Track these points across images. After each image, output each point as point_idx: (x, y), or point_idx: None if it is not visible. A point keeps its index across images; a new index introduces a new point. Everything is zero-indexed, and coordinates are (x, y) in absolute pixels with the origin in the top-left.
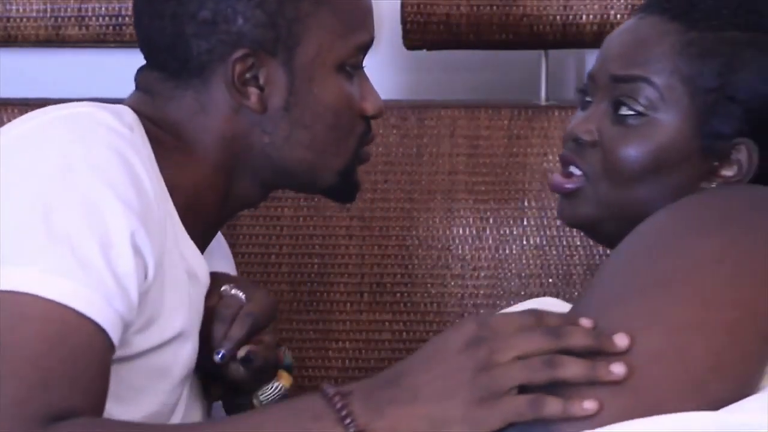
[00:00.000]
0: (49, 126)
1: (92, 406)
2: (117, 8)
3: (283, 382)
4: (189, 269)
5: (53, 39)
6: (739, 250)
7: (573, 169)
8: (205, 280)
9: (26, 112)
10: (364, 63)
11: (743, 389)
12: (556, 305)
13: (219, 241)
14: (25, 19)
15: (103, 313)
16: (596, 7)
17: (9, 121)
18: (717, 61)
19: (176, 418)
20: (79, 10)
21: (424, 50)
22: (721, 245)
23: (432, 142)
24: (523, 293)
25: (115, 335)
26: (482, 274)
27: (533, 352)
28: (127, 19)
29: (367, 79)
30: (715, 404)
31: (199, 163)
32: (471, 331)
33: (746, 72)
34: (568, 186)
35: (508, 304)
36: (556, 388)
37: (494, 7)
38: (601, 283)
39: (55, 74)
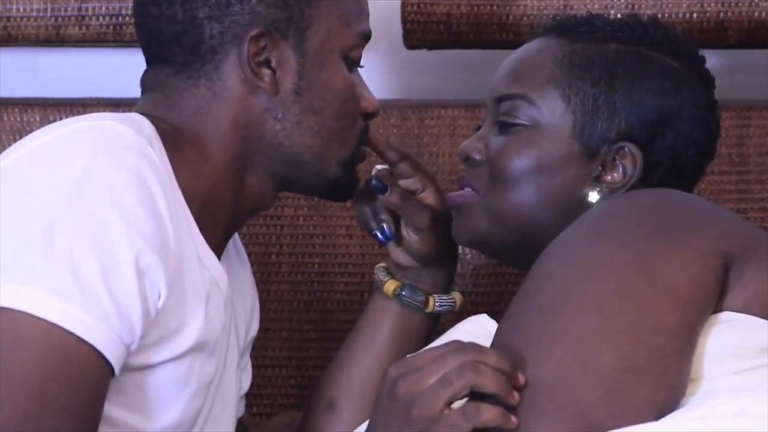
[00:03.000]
0: (69, 140)
1: None
2: (117, 8)
3: (456, 298)
4: (210, 279)
5: (53, 39)
6: (627, 257)
7: (466, 189)
8: (225, 288)
9: (26, 112)
10: (363, 63)
11: (670, 388)
12: (488, 326)
13: (237, 246)
14: (25, 19)
15: (101, 336)
16: (596, 6)
17: (9, 120)
18: (598, 68)
19: (198, 428)
20: (79, 9)
21: (424, 50)
22: (610, 255)
23: (432, 142)
24: None
25: (113, 357)
26: (482, 274)
27: (448, 372)
28: (127, 18)
29: (362, 79)
30: (644, 406)
31: (214, 161)
32: (391, 376)
33: (627, 80)
34: (459, 200)
35: (508, 304)
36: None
37: (494, 7)
38: (509, 311)
39: (55, 74)
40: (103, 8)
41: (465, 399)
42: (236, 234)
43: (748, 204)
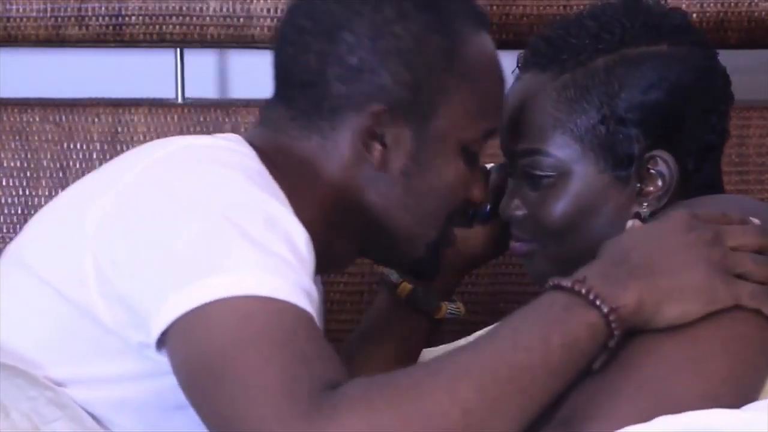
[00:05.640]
0: (198, 150)
1: (345, 375)
2: (117, 8)
3: (461, 308)
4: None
5: (53, 39)
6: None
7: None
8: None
9: (26, 112)
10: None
11: (746, 402)
12: None
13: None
14: (25, 19)
15: (305, 304)
16: None
17: (9, 120)
18: (594, 93)
19: None
20: (79, 10)
21: None
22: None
23: None
24: (523, 293)
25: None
26: (482, 274)
27: (746, 245)
28: (127, 18)
29: (479, 169)
30: (726, 383)
31: (305, 217)
32: (686, 217)
33: (626, 91)
34: (521, 250)
35: (508, 304)
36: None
37: (494, 7)
38: None
39: (55, 74)
40: (103, 8)
41: None
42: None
43: None
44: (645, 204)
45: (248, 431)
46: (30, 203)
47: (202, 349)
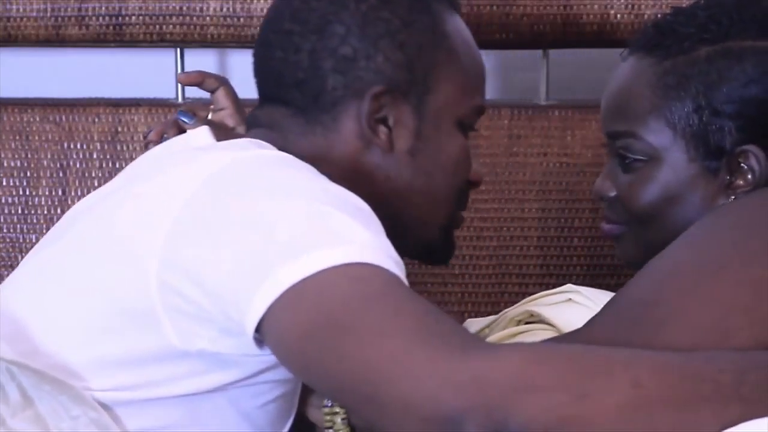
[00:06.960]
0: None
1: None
2: (117, 8)
3: None
4: None
5: (53, 39)
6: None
7: (613, 225)
8: None
9: (26, 112)
10: None
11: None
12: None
13: None
14: (25, 19)
15: (399, 272)
16: (596, 6)
17: (9, 120)
18: (693, 83)
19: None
20: (79, 10)
21: None
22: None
23: None
24: (523, 293)
25: None
26: (482, 274)
27: None
28: (127, 18)
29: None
30: None
31: None
32: None
33: (725, 83)
34: (611, 231)
35: (508, 304)
36: None
37: (494, 7)
38: (657, 266)
39: (55, 74)
40: (103, 8)
41: None
42: None
43: None
44: (732, 197)
45: (392, 374)
46: (30, 203)
47: (323, 308)
